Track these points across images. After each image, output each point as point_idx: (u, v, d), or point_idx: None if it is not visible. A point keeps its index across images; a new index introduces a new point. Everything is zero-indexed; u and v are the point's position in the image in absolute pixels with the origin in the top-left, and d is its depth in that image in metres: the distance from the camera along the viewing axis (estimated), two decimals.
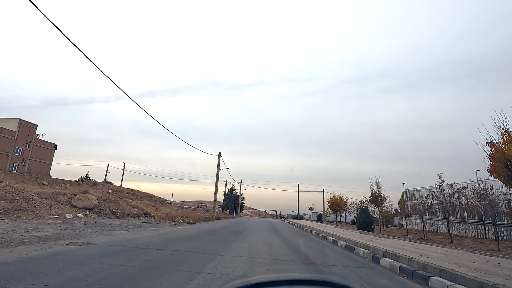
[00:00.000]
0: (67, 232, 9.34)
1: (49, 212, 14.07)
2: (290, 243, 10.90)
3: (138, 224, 14.73)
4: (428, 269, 6.06)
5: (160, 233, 11.10)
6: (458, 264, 6.54)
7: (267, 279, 0.93)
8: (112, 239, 8.20)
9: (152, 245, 7.44)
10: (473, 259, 7.63)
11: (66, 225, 11.54)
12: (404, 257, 7.27)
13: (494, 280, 4.90)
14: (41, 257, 5.00)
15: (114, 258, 5.32)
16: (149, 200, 34.91)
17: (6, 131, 46.90)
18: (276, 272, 5.21)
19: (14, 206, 13.42)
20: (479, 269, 6.03)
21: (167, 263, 5.33)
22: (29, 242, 6.69)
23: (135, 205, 21.97)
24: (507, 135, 8.73)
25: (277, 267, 5.68)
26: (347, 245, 10.36)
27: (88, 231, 9.99)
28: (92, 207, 17.34)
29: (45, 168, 54.76)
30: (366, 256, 8.29)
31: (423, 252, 8.71)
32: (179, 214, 23.53)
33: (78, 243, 6.83)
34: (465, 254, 8.77)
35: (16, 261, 4.59)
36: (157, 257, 5.86)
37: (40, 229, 9.64)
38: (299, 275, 1.05)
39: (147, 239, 8.92)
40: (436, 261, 6.79)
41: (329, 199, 38.08)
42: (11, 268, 4.11)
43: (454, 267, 5.96)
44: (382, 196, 23.90)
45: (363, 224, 24.16)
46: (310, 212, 74.00)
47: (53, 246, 6.25)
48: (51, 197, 17.14)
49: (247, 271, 5.05)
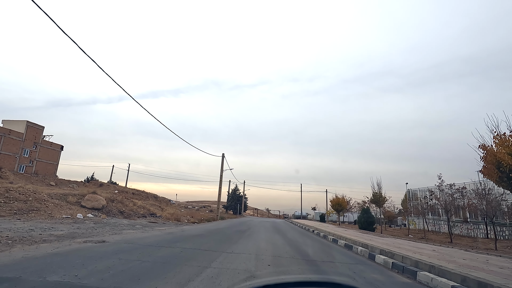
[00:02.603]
0: (80, 231, 9.90)
1: (61, 212, 14.68)
2: (292, 242, 11.37)
3: (146, 224, 15.29)
4: (419, 266, 6.50)
5: (168, 233, 11.64)
6: (448, 261, 6.97)
7: (275, 281, 0.91)
8: (124, 238, 8.74)
9: (162, 243, 7.97)
10: (464, 257, 8.04)
11: (78, 224, 12.12)
12: (399, 255, 7.71)
13: (477, 274, 5.34)
14: (64, 253, 5.54)
15: (129, 254, 5.84)
16: (154, 200, 35.55)
17: (14, 133, 47.87)
18: (277, 267, 5.68)
19: (28, 207, 14.05)
20: (467, 265, 6.45)
21: (178, 259, 5.84)
22: (49, 240, 7.24)
23: (141, 206, 22.56)
24: (499, 138, 9.13)
25: (278, 263, 6.16)
26: (346, 243, 10.81)
27: (99, 230, 10.54)
28: (101, 208, 17.95)
29: (52, 169, 55.74)
30: (363, 254, 8.74)
31: (418, 250, 9.14)
32: (184, 214, 24.09)
33: (93, 241, 7.38)
34: (458, 252, 9.18)
35: (44, 256, 5.13)
36: (167, 253, 6.37)
37: (55, 228, 10.22)
38: (306, 277, 1.03)
39: (156, 238, 9.44)
40: (428, 258, 7.22)
41: (332, 199, 38.45)
42: (41, 262, 4.64)
43: (444, 264, 6.39)
44: (383, 196, 24.26)
45: (364, 224, 24.53)
46: (313, 212, 74.26)
47: (72, 243, 6.79)
48: (62, 197, 17.78)
49: (250, 267, 5.53)
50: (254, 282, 0.90)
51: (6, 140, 46.48)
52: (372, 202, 24.77)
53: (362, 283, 4.88)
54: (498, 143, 9.11)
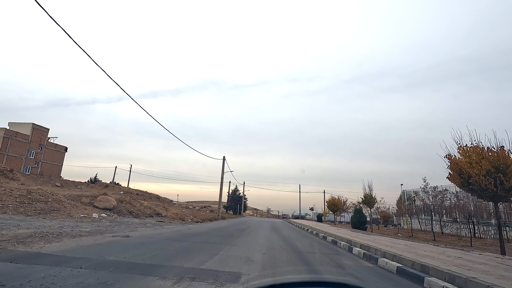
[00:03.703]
0: (102, 228, 11.44)
1: (78, 212, 16.22)
2: (286, 238, 12.94)
3: (155, 223, 16.85)
4: (386, 256, 8.05)
5: (177, 230, 13.19)
6: (411, 252, 8.54)
7: (281, 281, 0.90)
8: (142, 234, 10.30)
9: (175, 238, 9.53)
10: (427, 249, 9.63)
11: (96, 223, 13.65)
12: (373, 248, 9.26)
13: (425, 260, 6.89)
14: (105, 243, 7.10)
15: (153, 245, 7.40)
16: (157, 200, 37.08)
17: (20, 135, 49.37)
18: (270, 255, 7.23)
19: (49, 207, 15.58)
20: (423, 255, 8.02)
21: (192, 249, 7.40)
22: (83, 235, 8.78)
23: (148, 206, 24.11)
24: (461, 149, 10.72)
25: (271, 253, 7.71)
26: (333, 240, 12.39)
27: (118, 228, 12.09)
28: (112, 208, 19.49)
29: (56, 170, 57.28)
30: (344, 247, 10.32)
31: (392, 245, 10.71)
32: (187, 214, 25.65)
33: (120, 236, 8.93)
34: (425, 247, 10.75)
35: (92, 245, 6.68)
36: (182, 245, 7.93)
37: (79, 226, 11.75)
38: (313, 277, 0.98)
39: (168, 234, 11.00)
40: (396, 250, 8.78)
41: (328, 200, 40.05)
42: (93, 249, 6.18)
43: (405, 254, 7.95)
44: (374, 198, 25.88)
45: (357, 224, 26.12)
46: (312, 212, 75.93)
47: (105, 237, 8.34)
48: (76, 199, 19.32)
49: (249, 254, 7.08)
50: (260, 282, 0.91)
51: (13, 142, 48.01)
52: (364, 203, 26.39)
53: (334, 265, 6.43)
54: (461, 154, 10.71)
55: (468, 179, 10.08)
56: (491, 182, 9.50)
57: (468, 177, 10.06)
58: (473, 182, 9.93)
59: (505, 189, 9.48)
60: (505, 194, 9.56)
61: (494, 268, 6.34)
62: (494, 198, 9.90)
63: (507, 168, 9.38)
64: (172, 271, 4.57)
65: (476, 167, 9.75)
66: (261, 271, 5.20)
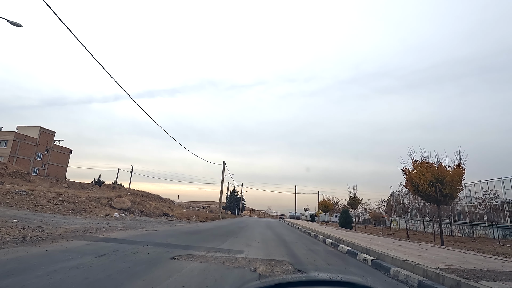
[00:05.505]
0: (131, 225, 14.24)
1: (101, 212, 18.99)
2: (278, 234, 15.83)
3: (167, 221, 19.67)
4: (350, 245, 10.96)
5: (188, 227, 16.04)
6: (369, 243, 11.46)
7: (287, 280, 0.92)
8: (164, 229, 13.14)
9: (191, 232, 12.39)
10: (386, 241, 12.58)
11: (120, 221, 16.44)
12: (343, 240, 12.17)
13: (375, 248, 9.77)
14: (146, 234, 9.94)
15: (179, 236, 10.25)
16: (160, 201, 39.84)
17: (29, 138, 51.89)
18: (263, 245, 10.09)
19: (77, 208, 18.34)
20: (377, 244, 10.94)
21: (207, 238, 10.26)
22: (122, 229, 11.58)
23: (156, 206, 26.92)
24: (414, 163, 13.70)
25: (264, 243, 10.57)
26: (315, 235, 15.33)
27: (141, 225, 14.89)
28: (127, 208, 22.28)
29: (62, 172, 59.81)
30: (321, 239, 13.25)
31: (360, 238, 13.65)
32: (191, 214, 28.48)
33: (150, 230, 11.77)
34: (385, 240, 13.70)
35: (138, 235, 9.51)
36: (200, 236, 10.79)
37: (111, 223, 14.52)
38: (319, 276, 1.03)
39: (183, 229, 13.85)
40: (359, 242, 11.68)
41: (320, 201, 43.09)
42: (141, 237, 9.00)
43: (363, 244, 10.86)
44: (358, 200, 28.94)
45: (344, 223, 29.15)
46: (307, 212, 79.04)
47: (141, 231, 11.17)
48: (96, 200, 22.08)
49: (248, 243, 9.94)
50: (266, 280, 0.92)
51: (22, 145, 50.55)
52: (348, 205, 29.43)
53: (306, 249, 9.32)
54: (414, 167, 13.69)
55: (417, 187, 13.07)
56: (432, 189, 12.49)
57: (417, 186, 13.06)
58: (420, 189, 12.92)
59: (443, 195, 12.47)
60: (443, 198, 12.55)
61: (409, 249, 9.28)
62: (436, 202, 12.89)
63: (444, 179, 12.37)
64: (202, 248, 7.45)
65: (422, 178, 12.74)
66: (256, 250, 8.09)
